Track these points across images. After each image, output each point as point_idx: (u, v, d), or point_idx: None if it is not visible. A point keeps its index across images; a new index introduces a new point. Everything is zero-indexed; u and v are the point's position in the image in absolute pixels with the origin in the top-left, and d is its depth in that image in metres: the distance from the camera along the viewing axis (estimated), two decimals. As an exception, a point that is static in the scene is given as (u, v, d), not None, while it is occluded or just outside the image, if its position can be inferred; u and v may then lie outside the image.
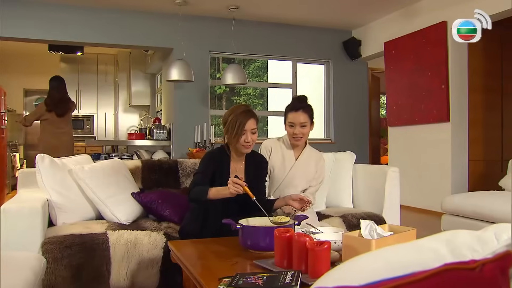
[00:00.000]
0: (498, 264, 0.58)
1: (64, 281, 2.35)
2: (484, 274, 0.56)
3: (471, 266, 0.55)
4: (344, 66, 7.62)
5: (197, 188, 2.43)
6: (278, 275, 1.55)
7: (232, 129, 2.47)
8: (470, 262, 0.56)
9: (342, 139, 7.44)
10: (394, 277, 0.53)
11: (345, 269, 0.76)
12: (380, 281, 0.53)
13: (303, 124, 2.83)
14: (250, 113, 2.51)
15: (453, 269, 0.53)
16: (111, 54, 9.51)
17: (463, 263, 0.55)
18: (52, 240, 2.41)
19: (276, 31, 7.16)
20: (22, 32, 6.12)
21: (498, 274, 0.57)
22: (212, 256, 2.01)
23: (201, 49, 6.80)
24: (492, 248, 0.81)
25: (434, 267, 0.62)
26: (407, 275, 0.53)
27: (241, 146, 2.50)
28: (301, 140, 2.89)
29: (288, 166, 2.93)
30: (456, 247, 0.81)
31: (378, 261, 0.78)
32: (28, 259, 2.01)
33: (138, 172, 3.34)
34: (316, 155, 3.05)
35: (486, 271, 0.56)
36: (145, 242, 2.53)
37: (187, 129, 6.55)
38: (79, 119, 9.40)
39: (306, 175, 2.96)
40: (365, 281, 0.54)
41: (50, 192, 2.70)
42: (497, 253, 0.61)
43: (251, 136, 2.49)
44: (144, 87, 9.30)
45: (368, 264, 0.78)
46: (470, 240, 0.83)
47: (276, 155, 2.95)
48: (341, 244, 1.78)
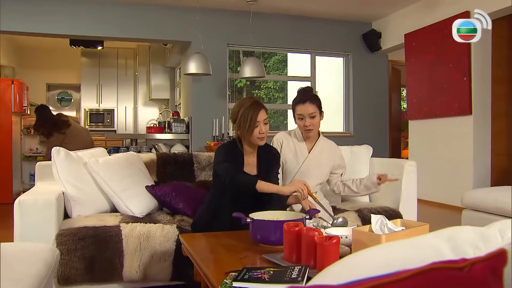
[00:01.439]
0: (489, 263, 0.54)
1: (77, 273, 2.37)
2: (472, 274, 0.52)
3: (460, 265, 0.52)
4: (363, 59, 7.51)
5: (243, 175, 2.44)
6: (285, 269, 1.52)
7: (245, 122, 2.44)
8: (460, 261, 0.52)
9: (361, 133, 7.35)
10: (376, 276, 0.50)
11: (339, 266, 0.73)
12: (359, 280, 0.50)
13: (312, 115, 2.81)
14: (259, 104, 2.50)
15: (439, 268, 0.50)
16: (131, 48, 9.58)
17: (452, 262, 0.52)
18: (66, 232, 2.43)
19: (294, 23, 7.10)
20: (44, 27, 6.22)
21: (488, 274, 0.53)
22: (222, 249, 2.00)
23: (219, 42, 6.79)
24: (495, 245, 0.77)
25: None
26: (390, 274, 0.50)
27: (255, 139, 2.48)
28: (312, 131, 2.87)
29: (301, 158, 2.91)
30: (458, 244, 0.77)
31: (374, 257, 0.75)
32: (41, 250, 2.03)
33: (153, 165, 3.35)
34: (330, 146, 3.03)
35: (475, 271, 0.52)
36: (157, 235, 2.53)
37: (205, 123, 6.56)
38: (99, 112, 9.52)
39: (321, 167, 2.94)
40: (346, 280, 0.51)
41: (65, 184, 2.72)
42: (490, 252, 0.58)
43: (264, 127, 2.47)
44: (163, 81, 9.36)
45: (364, 260, 0.75)
46: (473, 237, 0.79)
47: (288, 148, 2.93)
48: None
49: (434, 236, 0.85)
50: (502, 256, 0.57)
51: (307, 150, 2.94)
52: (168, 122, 7.09)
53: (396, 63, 8.19)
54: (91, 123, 9.46)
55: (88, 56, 9.45)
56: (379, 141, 7.40)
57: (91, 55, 9.44)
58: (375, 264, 0.69)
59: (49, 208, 2.45)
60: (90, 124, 9.43)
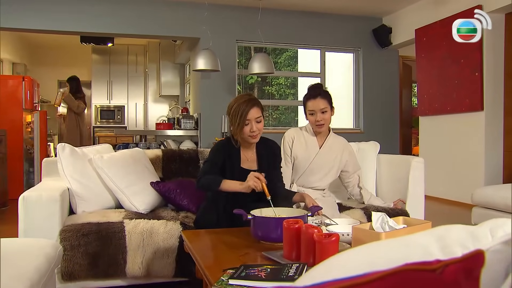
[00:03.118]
0: (463, 265, 0.52)
1: (81, 269, 2.38)
2: (443, 276, 0.49)
3: (433, 267, 0.49)
4: (374, 55, 7.44)
5: (209, 176, 2.39)
6: (282, 267, 1.51)
7: (235, 119, 2.38)
8: (433, 263, 0.50)
9: (371, 129, 7.29)
10: (344, 278, 0.48)
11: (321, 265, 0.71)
12: (326, 282, 0.48)
13: (323, 110, 2.83)
14: (253, 101, 2.41)
15: (411, 269, 0.47)
16: (141, 44, 9.61)
17: (425, 264, 0.49)
18: (70, 228, 2.44)
19: (303, 19, 7.05)
20: (55, 24, 6.26)
21: (462, 277, 0.51)
22: (222, 246, 1.99)
23: (227, 38, 6.77)
24: (486, 245, 0.74)
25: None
26: (359, 275, 0.48)
27: (246, 137, 2.41)
28: (324, 126, 2.88)
29: (313, 153, 2.93)
30: (447, 243, 0.75)
31: (357, 257, 0.73)
32: (43, 246, 2.03)
33: (158, 161, 3.35)
34: (340, 142, 3.04)
35: (447, 274, 0.49)
36: (161, 231, 2.53)
37: (214, 119, 6.55)
38: (110, 109, 9.57)
39: (331, 162, 2.96)
40: (314, 281, 0.49)
41: (70, 181, 2.73)
42: (465, 253, 0.55)
43: (256, 126, 2.38)
44: (173, 77, 9.37)
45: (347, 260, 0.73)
46: (463, 236, 0.76)
47: (299, 143, 2.95)
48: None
49: (424, 235, 0.83)
50: (478, 257, 0.54)
51: (318, 146, 2.96)
52: (177, 118, 7.09)
53: (407, 58, 8.09)
54: (101, 119, 9.52)
55: (98, 53, 9.50)
56: (389, 137, 7.34)
57: (102, 52, 9.49)
58: (356, 264, 0.67)
59: (53, 204, 2.46)
60: (101, 121, 9.50)
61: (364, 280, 0.46)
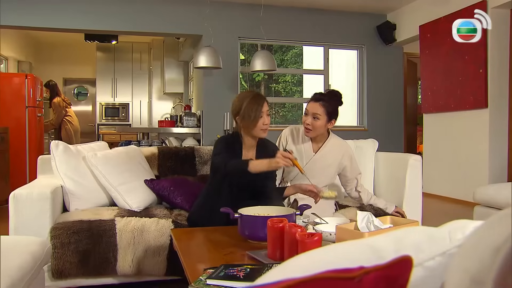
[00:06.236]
0: (386, 273, 0.48)
1: (71, 266, 2.38)
2: (362, 285, 0.46)
3: (353, 274, 0.46)
4: (378, 51, 7.36)
5: (233, 161, 2.39)
6: (262, 267, 1.48)
7: (249, 114, 2.44)
8: (355, 270, 0.46)
9: (375, 127, 7.22)
10: (261, 284, 0.45)
11: (280, 266, 0.69)
12: (268, 284, 0.45)
13: (316, 116, 2.74)
14: (262, 96, 2.54)
15: (329, 277, 0.44)
16: (145, 42, 9.61)
17: (347, 271, 0.46)
18: (60, 226, 2.43)
19: (306, 16, 6.99)
20: (59, 22, 6.28)
21: (383, 286, 0.47)
22: (209, 245, 1.97)
23: (230, 35, 6.74)
24: (442, 248, 0.71)
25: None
26: (275, 282, 0.45)
27: (259, 131, 2.48)
28: (311, 132, 2.79)
29: (305, 159, 2.85)
30: (403, 246, 0.72)
31: (309, 258, 0.71)
32: (30, 243, 2.02)
33: (154, 159, 3.34)
34: (340, 147, 2.93)
35: (365, 282, 0.46)
36: (152, 229, 2.52)
37: (217, 116, 6.54)
38: (115, 107, 9.59)
39: (326, 169, 2.87)
40: (264, 281, 0.47)
41: (63, 178, 2.73)
42: (391, 259, 0.52)
43: (267, 119, 2.49)
44: (177, 75, 9.36)
45: (300, 260, 0.70)
46: (421, 238, 0.73)
47: (293, 146, 2.88)
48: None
49: (385, 236, 0.80)
50: (405, 264, 0.51)
51: (312, 151, 2.88)
52: (180, 116, 7.08)
53: (412, 55, 8.00)
54: (106, 117, 9.54)
55: (103, 50, 9.52)
56: (394, 135, 7.27)
57: (106, 50, 9.51)
58: (304, 265, 0.64)
59: (44, 201, 2.45)
60: (105, 118, 9.52)
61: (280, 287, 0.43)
